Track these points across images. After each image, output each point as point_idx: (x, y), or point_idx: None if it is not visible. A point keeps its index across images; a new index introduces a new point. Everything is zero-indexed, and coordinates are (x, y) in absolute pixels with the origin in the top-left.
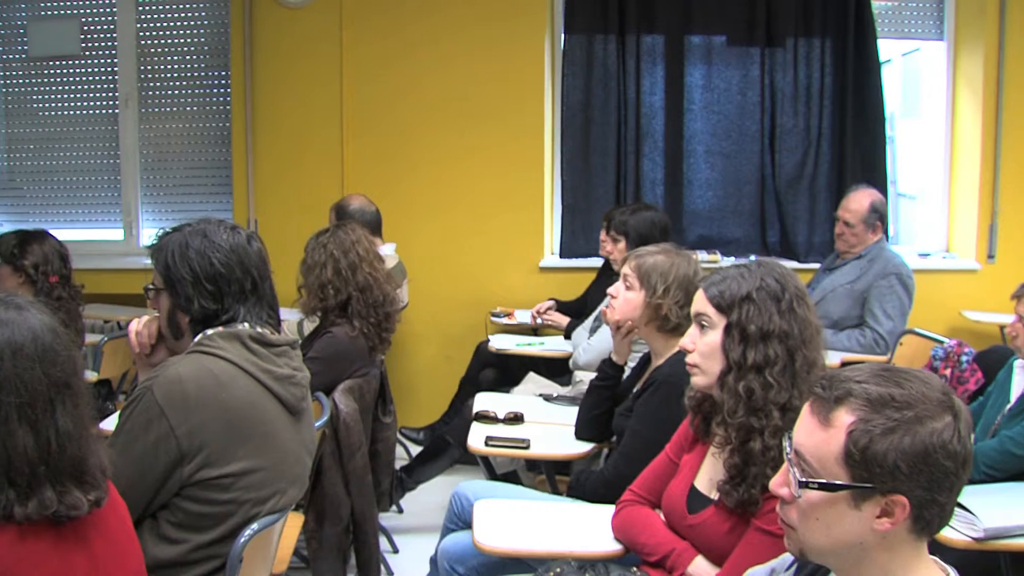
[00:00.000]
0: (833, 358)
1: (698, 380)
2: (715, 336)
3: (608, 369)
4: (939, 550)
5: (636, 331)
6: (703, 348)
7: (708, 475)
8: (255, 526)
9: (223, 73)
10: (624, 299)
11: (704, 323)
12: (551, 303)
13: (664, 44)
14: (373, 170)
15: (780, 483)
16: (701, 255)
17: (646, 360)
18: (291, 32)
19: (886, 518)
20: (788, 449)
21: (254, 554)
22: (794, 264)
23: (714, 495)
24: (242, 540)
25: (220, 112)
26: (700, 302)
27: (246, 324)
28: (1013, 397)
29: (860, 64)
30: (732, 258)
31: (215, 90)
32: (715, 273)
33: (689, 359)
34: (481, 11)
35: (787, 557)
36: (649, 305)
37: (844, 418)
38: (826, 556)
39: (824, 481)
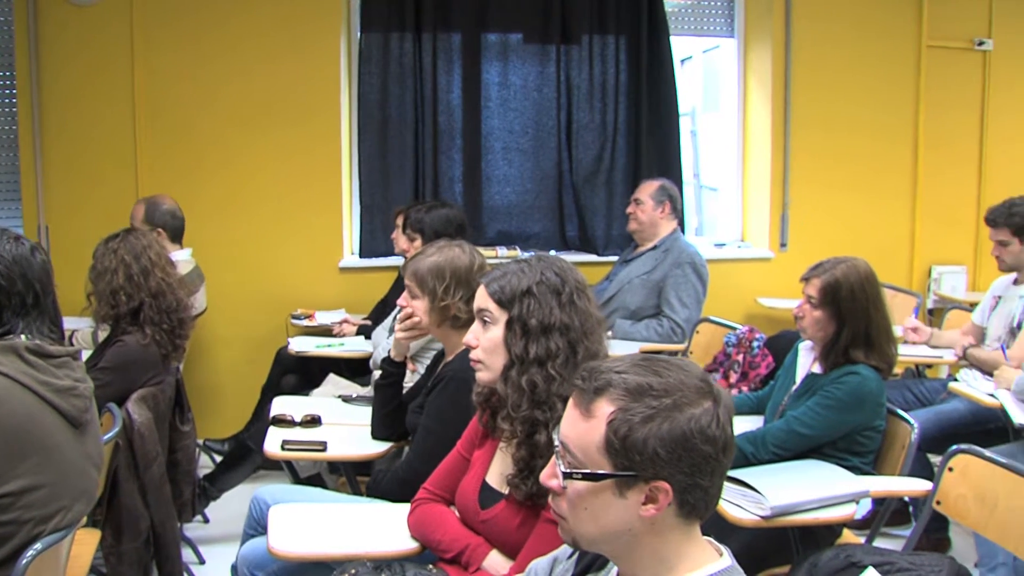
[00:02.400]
0: (631, 348)
1: (482, 375)
2: (497, 331)
3: (388, 367)
4: (731, 530)
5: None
6: (486, 344)
7: (498, 470)
8: (38, 545)
9: (7, 73)
10: (414, 307)
11: (486, 319)
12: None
13: (461, 42)
14: (168, 173)
15: (549, 475)
16: (501, 251)
17: (439, 357)
18: (79, 31)
19: (651, 504)
20: (556, 441)
21: (41, 574)
22: (592, 257)
23: (505, 489)
24: (24, 561)
25: (6, 114)
26: (481, 298)
27: (23, 337)
28: (799, 379)
29: (654, 61)
30: (532, 253)
31: None
32: (496, 269)
33: (473, 355)
34: (276, 10)
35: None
36: (435, 309)
37: (604, 408)
38: (598, 544)
39: (587, 471)
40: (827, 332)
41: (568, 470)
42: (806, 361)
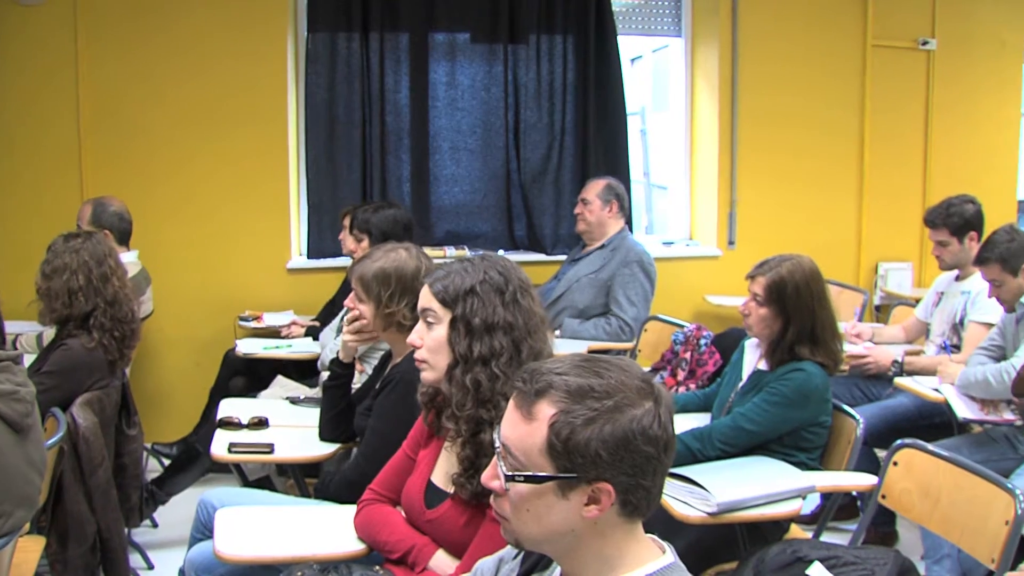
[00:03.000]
0: (580, 347)
1: (427, 375)
2: (441, 331)
3: (337, 368)
4: (679, 526)
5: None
6: (430, 343)
7: (444, 469)
8: None
9: None
10: (360, 310)
11: (430, 319)
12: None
13: (408, 41)
14: (113, 175)
15: (490, 476)
16: (449, 251)
17: (387, 358)
18: (24, 31)
19: (594, 505)
20: (497, 443)
21: None
22: (541, 256)
23: (450, 489)
24: None
25: None
26: (425, 298)
27: None
28: (745, 376)
29: (601, 60)
30: (480, 252)
31: None
32: (440, 269)
33: (417, 355)
34: (222, 10)
35: None
36: (379, 315)
37: (546, 410)
38: (541, 544)
39: (529, 474)
40: (773, 329)
41: (510, 472)
42: (752, 358)
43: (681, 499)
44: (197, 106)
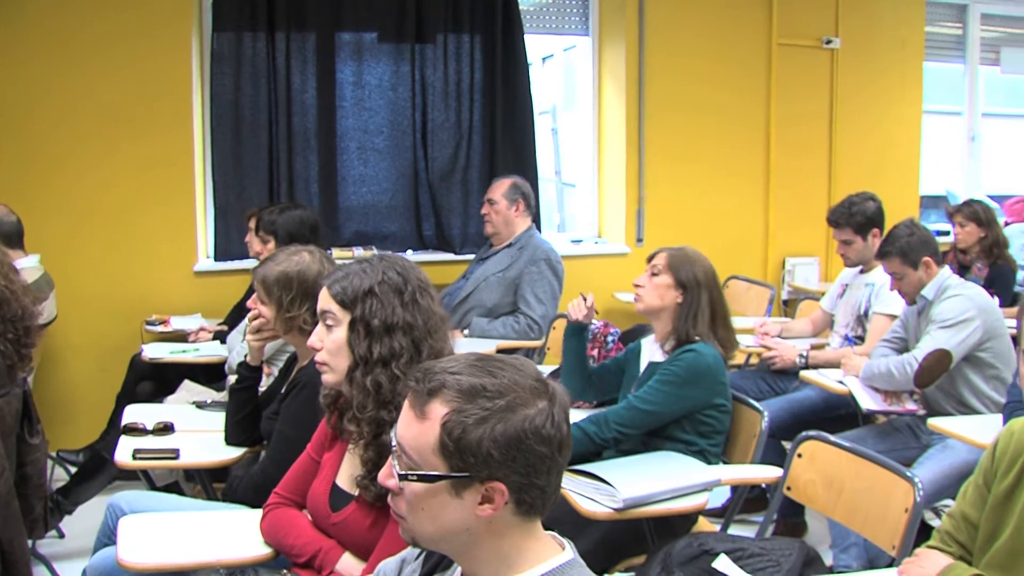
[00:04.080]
0: (489, 345)
1: (328, 378)
2: (341, 333)
3: (244, 371)
4: (587, 523)
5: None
6: (330, 345)
7: (348, 472)
8: None
9: None
10: (262, 312)
11: (329, 321)
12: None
13: (315, 41)
14: (13, 178)
15: (386, 475)
16: (357, 251)
17: (293, 360)
18: None
19: (487, 504)
20: (393, 442)
21: None
22: (449, 256)
23: (355, 491)
24: None
25: None
26: (324, 300)
27: None
28: (641, 368)
29: (508, 59)
30: (389, 254)
31: None
32: (338, 270)
33: (318, 357)
34: (125, 10)
35: None
36: (280, 318)
37: (439, 410)
38: (437, 543)
39: (423, 473)
40: (665, 301)
41: (404, 471)
42: (648, 354)
43: (587, 495)
44: (101, 108)
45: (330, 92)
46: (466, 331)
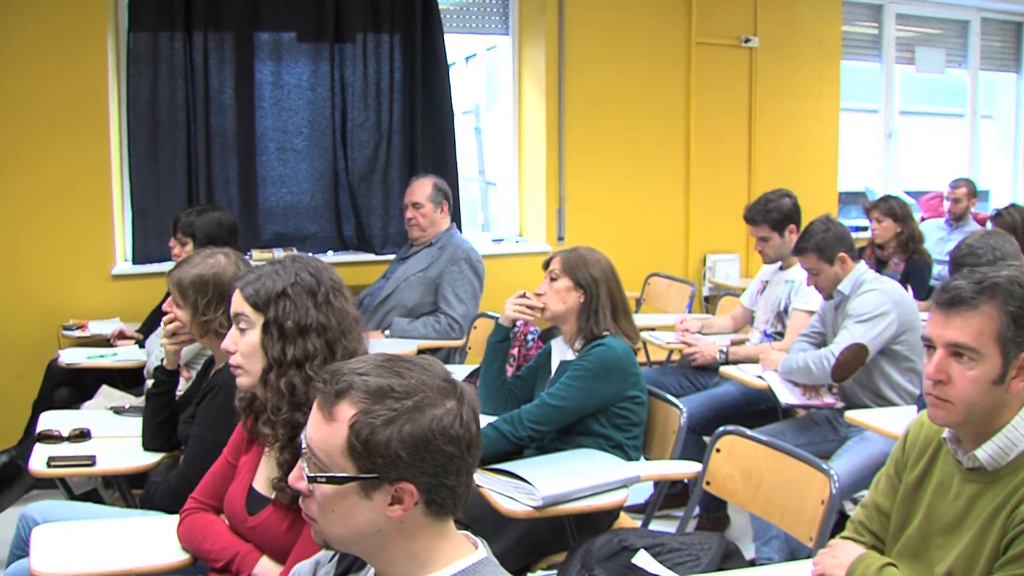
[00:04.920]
0: (410, 346)
1: (242, 380)
2: (254, 335)
3: (161, 375)
4: (508, 521)
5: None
6: (244, 348)
7: (265, 475)
8: None
9: None
10: (178, 315)
11: (243, 324)
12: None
13: (233, 41)
14: None
15: (296, 477)
16: (277, 253)
17: (210, 363)
18: None
19: (397, 505)
20: (303, 444)
21: None
22: (370, 256)
23: (272, 494)
24: None
25: None
26: (237, 302)
27: None
28: (553, 369)
29: (428, 59)
30: (310, 255)
31: None
32: (250, 272)
33: (232, 360)
34: (40, 8)
35: None
36: (196, 321)
37: (346, 411)
38: (348, 545)
39: (331, 474)
40: (568, 303)
41: (313, 474)
42: (558, 354)
43: (506, 494)
44: (15, 109)
45: (249, 92)
46: (387, 331)
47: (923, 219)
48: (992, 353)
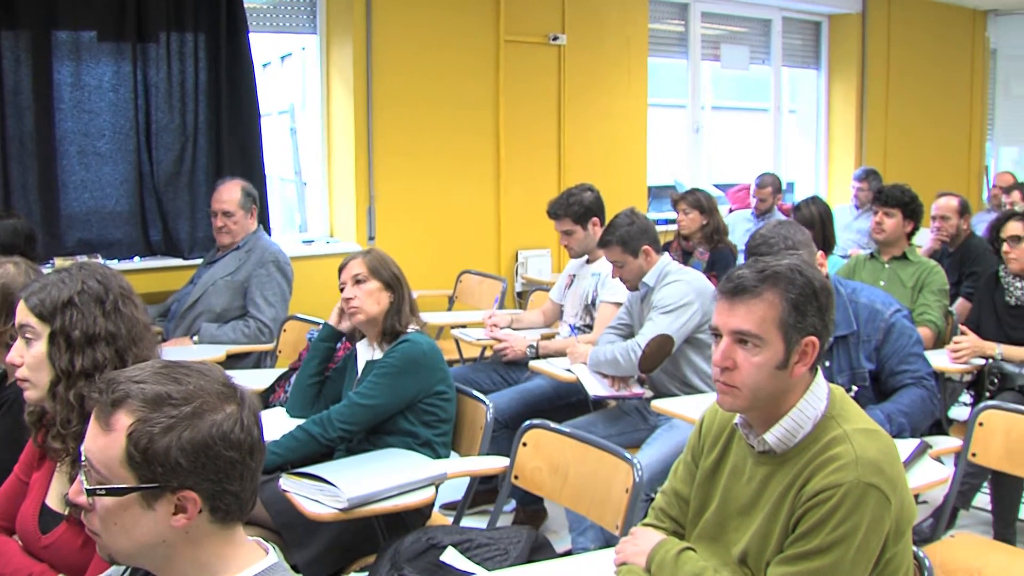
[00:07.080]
0: (219, 351)
1: (30, 394)
2: (40, 347)
3: None
4: (319, 525)
5: None
6: (30, 360)
7: (58, 491)
8: None
9: None
10: None
11: (28, 335)
12: None
13: (28, 40)
14: None
15: (76, 492)
16: (80, 260)
17: (3, 378)
18: None
19: (181, 514)
20: (82, 457)
21: None
22: (178, 261)
23: (65, 511)
24: None
25: None
26: (22, 313)
27: None
28: (360, 370)
29: (233, 59)
30: (116, 260)
31: None
32: (35, 281)
33: (19, 373)
34: None
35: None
36: None
37: (123, 420)
38: (135, 558)
39: (111, 486)
40: (382, 303)
41: (92, 486)
42: (363, 355)
43: (311, 497)
44: None
45: (47, 94)
46: (195, 337)
47: (731, 211)
48: (775, 339)
